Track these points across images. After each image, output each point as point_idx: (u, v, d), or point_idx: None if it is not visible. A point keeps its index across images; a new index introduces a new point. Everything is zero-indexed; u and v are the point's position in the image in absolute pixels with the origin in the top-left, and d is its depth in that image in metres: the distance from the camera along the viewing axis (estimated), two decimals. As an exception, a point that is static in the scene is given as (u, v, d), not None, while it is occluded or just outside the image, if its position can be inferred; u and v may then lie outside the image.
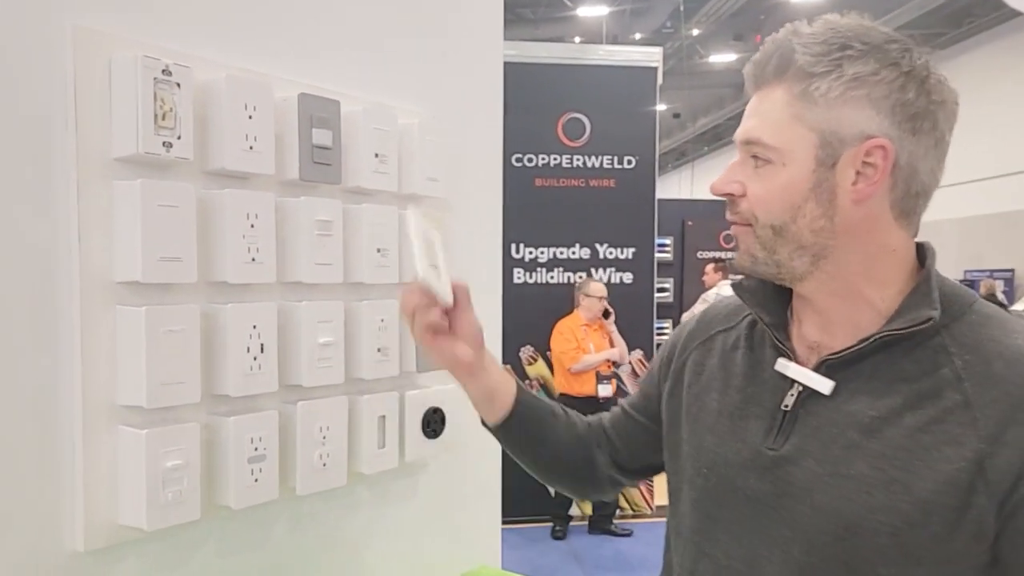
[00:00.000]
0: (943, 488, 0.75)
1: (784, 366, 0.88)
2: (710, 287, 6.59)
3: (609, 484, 1.13)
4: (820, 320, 0.88)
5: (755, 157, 0.85)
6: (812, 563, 0.81)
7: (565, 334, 4.93)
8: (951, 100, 0.82)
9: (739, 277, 0.96)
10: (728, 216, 0.89)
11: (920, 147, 0.81)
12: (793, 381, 0.86)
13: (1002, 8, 6.55)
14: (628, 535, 4.91)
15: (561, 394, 4.89)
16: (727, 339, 0.99)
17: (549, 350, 5.30)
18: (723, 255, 7.08)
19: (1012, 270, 14.36)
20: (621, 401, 1.14)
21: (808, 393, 0.85)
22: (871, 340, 0.81)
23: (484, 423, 1.09)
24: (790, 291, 0.92)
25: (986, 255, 13.92)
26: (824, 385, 0.84)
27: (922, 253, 0.86)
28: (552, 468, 1.12)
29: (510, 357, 5.27)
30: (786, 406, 0.86)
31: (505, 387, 1.06)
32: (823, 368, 0.84)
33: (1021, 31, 12.45)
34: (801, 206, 0.82)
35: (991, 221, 13.76)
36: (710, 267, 6.65)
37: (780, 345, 0.89)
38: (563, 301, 5.31)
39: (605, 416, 1.14)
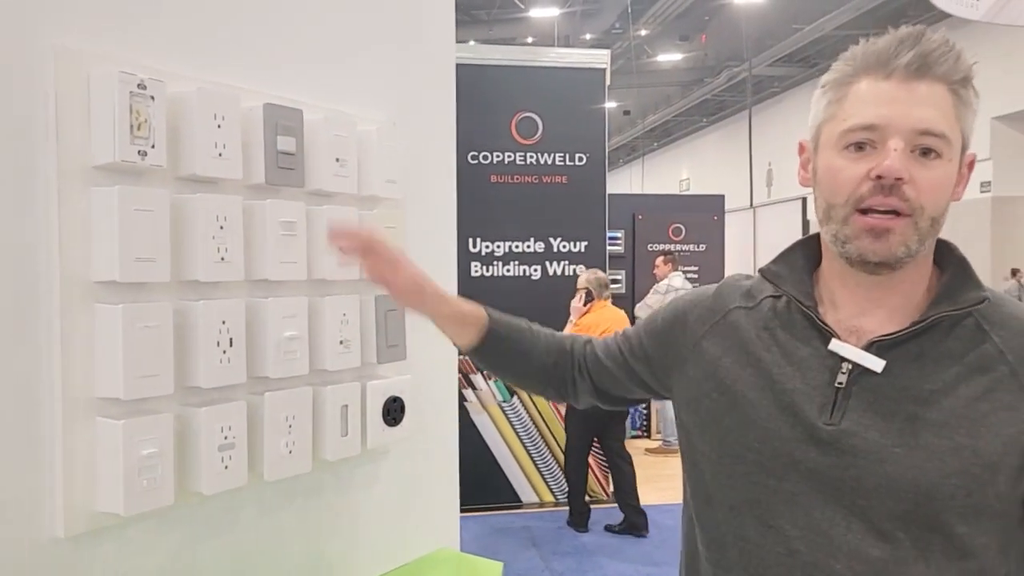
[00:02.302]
0: (1008, 449, 0.83)
1: (839, 347, 0.91)
2: (661, 278, 6.73)
3: (580, 395, 1.17)
4: (861, 302, 0.93)
5: (927, 149, 0.85)
6: (894, 528, 0.85)
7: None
8: None
9: (771, 262, 1.01)
10: (890, 202, 0.86)
11: None
12: (841, 360, 0.90)
13: (933, 9, 6.80)
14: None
15: None
16: (751, 317, 1.00)
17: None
18: (672, 247, 7.25)
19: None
20: (618, 338, 1.15)
21: (860, 371, 0.89)
22: (927, 320, 0.88)
23: (459, 349, 1.12)
24: (812, 273, 0.98)
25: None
26: (877, 364, 0.88)
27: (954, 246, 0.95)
28: (528, 383, 1.18)
29: (466, 351, 5.35)
30: (840, 383, 0.89)
31: (475, 312, 1.11)
32: (873, 348, 0.89)
33: (953, 31, 12.91)
34: (948, 201, 0.89)
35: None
36: (660, 259, 6.78)
37: (826, 328, 0.92)
38: (519, 293, 5.40)
39: (598, 344, 1.16)
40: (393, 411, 1.41)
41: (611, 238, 6.74)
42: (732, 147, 18.20)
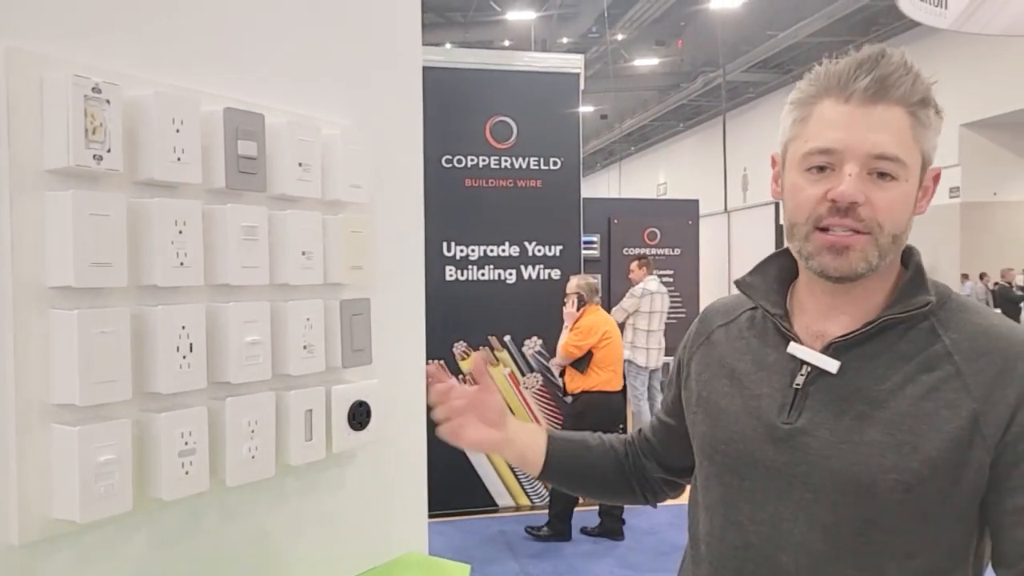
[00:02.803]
0: (947, 445, 0.87)
1: (796, 349, 0.98)
2: (637, 282, 6.77)
3: (665, 486, 1.26)
4: (830, 311, 0.98)
5: (883, 172, 0.91)
6: (835, 522, 0.91)
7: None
8: None
9: (746, 273, 1.07)
10: (846, 223, 0.91)
11: None
12: (802, 363, 0.97)
13: (904, 18, 6.92)
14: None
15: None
16: (729, 331, 1.09)
17: (485, 345, 5.40)
18: (647, 251, 7.29)
19: (921, 264, 15.09)
20: (656, 410, 1.27)
21: (817, 372, 0.95)
22: (876, 323, 0.93)
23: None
24: (787, 285, 1.03)
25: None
26: (832, 365, 0.94)
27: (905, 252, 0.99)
28: (603, 492, 1.28)
29: (444, 353, 5.34)
30: (797, 385, 0.96)
31: (535, 445, 1.21)
32: (830, 350, 0.95)
33: (923, 39, 13.12)
34: (909, 217, 0.94)
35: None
36: (635, 264, 6.83)
37: (787, 332, 0.99)
38: (494, 298, 5.41)
39: (645, 426, 1.25)
40: (359, 416, 1.41)
41: (587, 242, 6.78)
42: (708, 152, 18.35)
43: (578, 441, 1.24)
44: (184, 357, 1.11)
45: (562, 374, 5.27)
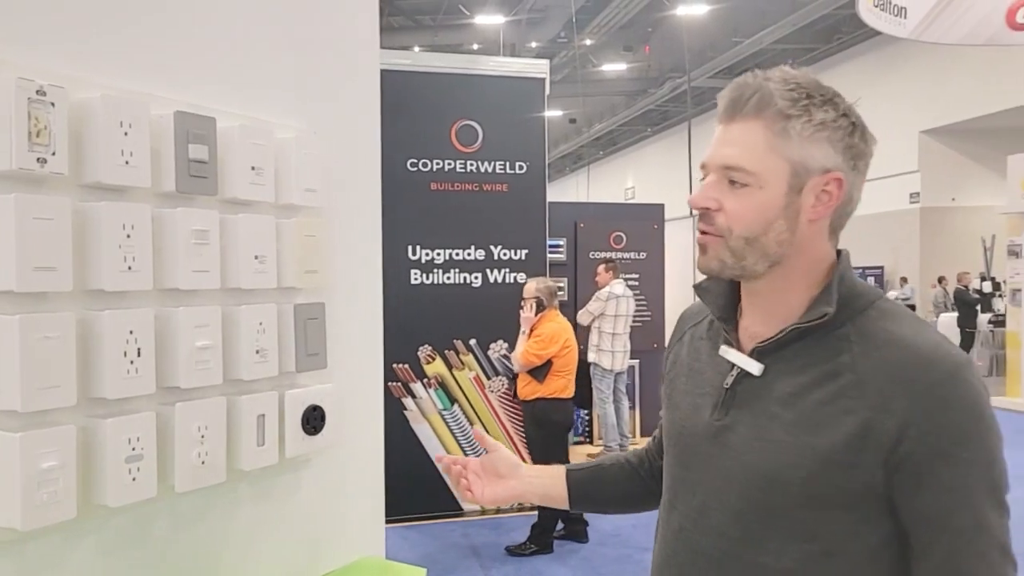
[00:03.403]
0: (840, 448, 0.93)
1: (725, 351, 1.06)
2: (603, 286, 6.80)
3: None
4: (761, 313, 1.05)
5: (733, 181, 0.99)
6: (743, 508, 0.99)
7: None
8: (873, 145, 1.02)
9: (704, 279, 1.12)
10: (702, 227, 1.02)
11: (857, 180, 1.01)
12: (733, 364, 1.04)
13: (865, 26, 7.05)
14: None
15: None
16: (695, 333, 1.17)
17: (450, 349, 5.39)
18: (613, 255, 7.33)
19: (882, 267, 15.42)
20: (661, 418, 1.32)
21: (744, 374, 1.03)
22: (786, 331, 0.99)
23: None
24: (739, 292, 1.09)
25: (858, 253, 14.86)
26: (754, 367, 1.02)
27: (841, 260, 1.04)
28: (628, 504, 1.34)
29: (409, 356, 5.32)
30: (727, 384, 1.04)
31: (554, 483, 1.30)
32: (755, 354, 1.02)
33: (884, 47, 13.38)
34: (773, 222, 0.98)
35: (862, 222, 14.71)
36: (601, 267, 6.86)
37: (725, 335, 1.07)
38: (460, 301, 5.40)
39: (657, 435, 1.31)
40: (313, 420, 1.40)
41: (553, 246, 6.79)
42: (675, 157, 18.51)
43: (593, 466, 1.33)
44: (132, 362, 1.10)
45: (513, 378, 5.23)
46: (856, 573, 0.96)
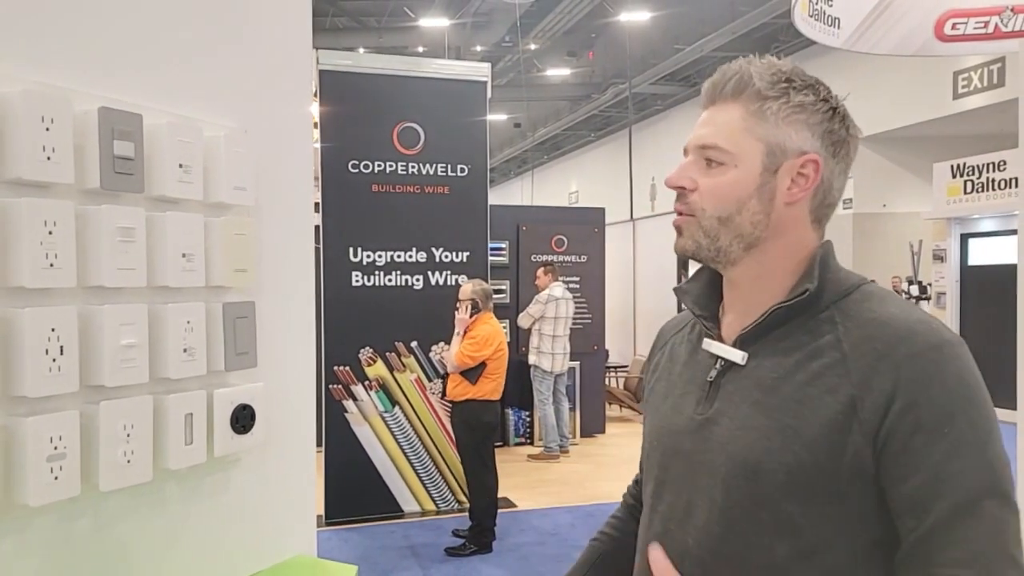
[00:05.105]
0: (825, 430, 0.88)
1: (709, 344, 1.04)
2: (542, 289, 6.87)
3: None
4: (743, 305, 1.03)
5: (709, 160, 0.99)
6: (729, 504, 0.94)
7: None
8: (857, 136, 1.02)
9: (683, 281, 1.13)
10: (676, 207, 1.02)
11: (837, 168, 1.00)
12: (717, 357, 1.02)
13: (801, 36, 7.25)
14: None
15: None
16: (677, 339, 1.16)
17: (391, 351, 5.38)
18: (554, 258, 7.40)
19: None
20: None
21: (728, 365, 1.00)
22: (768, 313, 0.97)
23: None
24: (721, 291, 1.08)
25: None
26: (737, 356, 0.99)
27: (823, 246, 1.03)
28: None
29: (350, 358, 5.30)
30: (711, 378, 1.02)
31: None
32: (738, 343, 1.00)
33: (820, 56, 13.78)
34: (746, 202, 0.98)
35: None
36: (540, 270, 6.93)
37: (707, 329, 1.06)
38: (401, 303, 5.40)
39: (637, 477, 1.27)
40: (243, 419, 1.40)
41: (495, 249, 6.84)
42: (618, 162, 18.73)
43: (589, 552, 1.27)
44: (54, 360, 1.09)
45: (444, 377, 5.26)
46: (846, 573, 0.90)
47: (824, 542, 0.90)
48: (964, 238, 9.80)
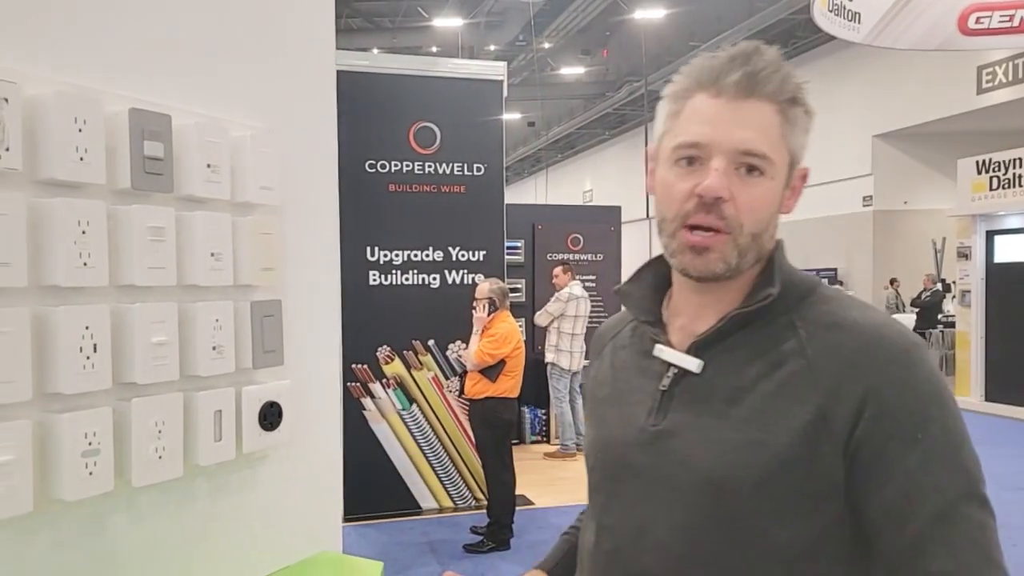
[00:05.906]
0: (795, 441, 0.83)
1: (661, 351, 0.96)
2: (560, 287, 6.88)
3: None
4: (694, 309, 0.96)
5: (751, 168, 0.88)
6: (693, 521, 0.88)
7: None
8: None
9: (624, 282, 1.06)
10: (707, 221, 0.88)
11: None
12: (670, 365, 0.94)
13: (821, 31, 7.22)
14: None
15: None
16: (616, 344, 1.08)
17: (408, 349, 5.40)
18: (570, 257, 7.40)
19: (835, 269, 15.75)
20: None
21: (683, 373, 0.93)
22: (727, 318, 0.91)
23: None
24: (663, 293, 1.02)
25: (812, 255, 15.19)
26: (693, 364, 0.92)
27: (778, 247, 0.97)
28: None
29: (368, 357, 5.32)
30: (664, 387, 0.94)
31: None
32: (693, 350, 0.93)
33: (839, 51, 13.69)
34: (773, 216, 0.91)
35: (817, 225, 15.03)
36: (558, 269, 6.93)
37: (655, 336, 0.98)
38: (418, 302, 5.41)
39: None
40: (270, 416, 1.42)
41: (511, 247, 6.85)
42: (632, 160, 18.70)
43: (562, 543, 1.23)
44: (88, 357, 1.11)
45: (462, 375, 5.29)
46: None
47: (798, 556, 0.85)
48: (990, 235, 9.69)
